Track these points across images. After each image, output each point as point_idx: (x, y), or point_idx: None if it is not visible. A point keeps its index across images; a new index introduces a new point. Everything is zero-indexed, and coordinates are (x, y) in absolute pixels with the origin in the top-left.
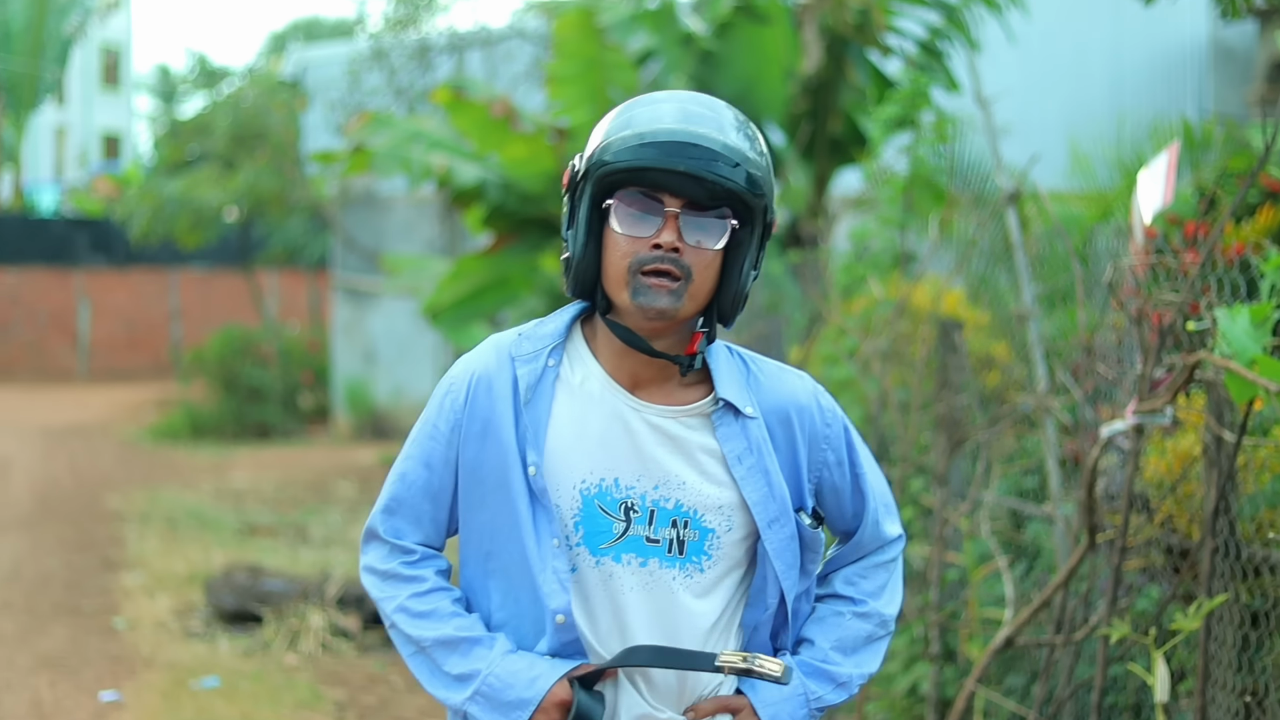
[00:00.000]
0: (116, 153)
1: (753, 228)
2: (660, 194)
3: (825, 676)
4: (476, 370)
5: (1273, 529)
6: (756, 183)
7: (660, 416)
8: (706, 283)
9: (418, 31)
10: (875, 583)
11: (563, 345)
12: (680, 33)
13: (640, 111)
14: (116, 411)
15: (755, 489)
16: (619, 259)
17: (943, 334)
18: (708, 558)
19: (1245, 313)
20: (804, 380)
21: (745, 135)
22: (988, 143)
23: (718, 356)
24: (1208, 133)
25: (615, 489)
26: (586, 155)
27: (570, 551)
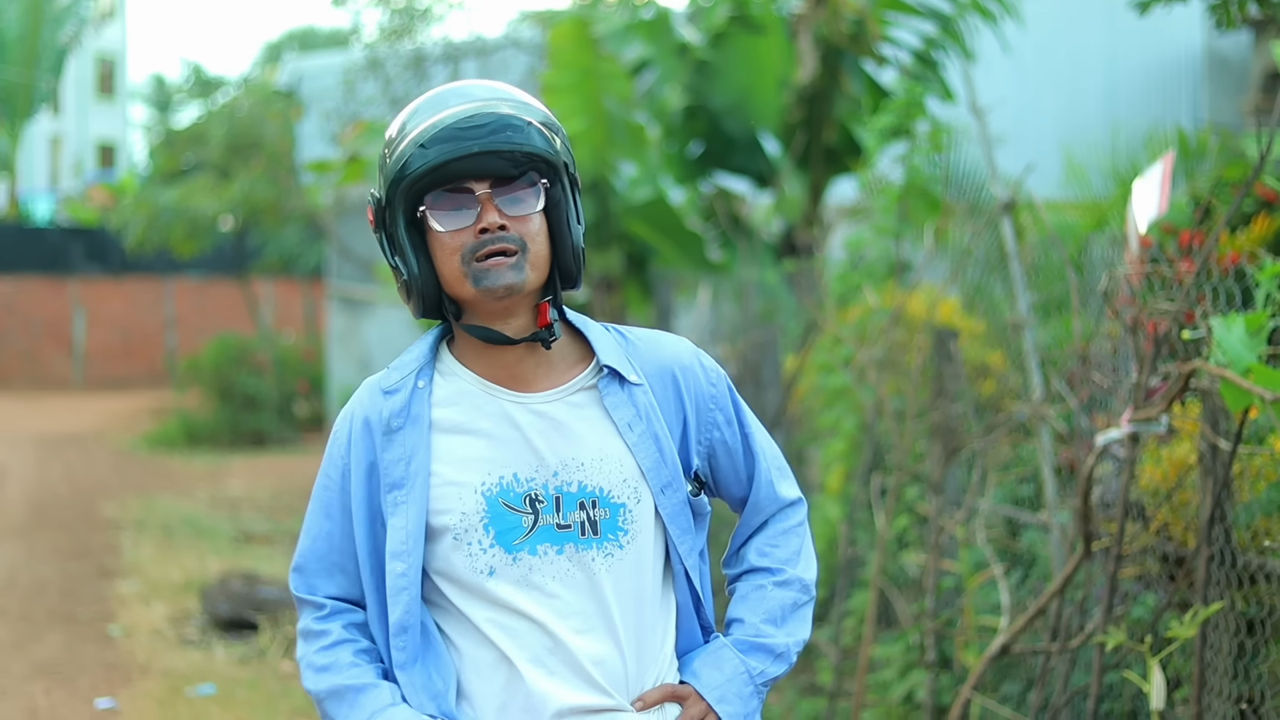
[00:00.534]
0: (111, 162)
1: (562, 184)
2: (465, 183)
3: (763, 650)
4: (354, 412)
5: (1268, 537)
6: (549, 138)
7: (544, 403)
8: (542, 248)
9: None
10: (788, 549)
11: (431, 365)
12: (675, 43)
13: (414, 117)
14: (112, 420)
15: (647, 455)
16: (450, 257)
17: (938, 343)
18: (624, 533)
19: (1240, 321)
20: (683, 342)
21: (518, 100)
22: (983, 152)
23: (592, 331)
24: (1202, 142)
25: (516, 483)
26: (384, 180)
27: (485, 555)
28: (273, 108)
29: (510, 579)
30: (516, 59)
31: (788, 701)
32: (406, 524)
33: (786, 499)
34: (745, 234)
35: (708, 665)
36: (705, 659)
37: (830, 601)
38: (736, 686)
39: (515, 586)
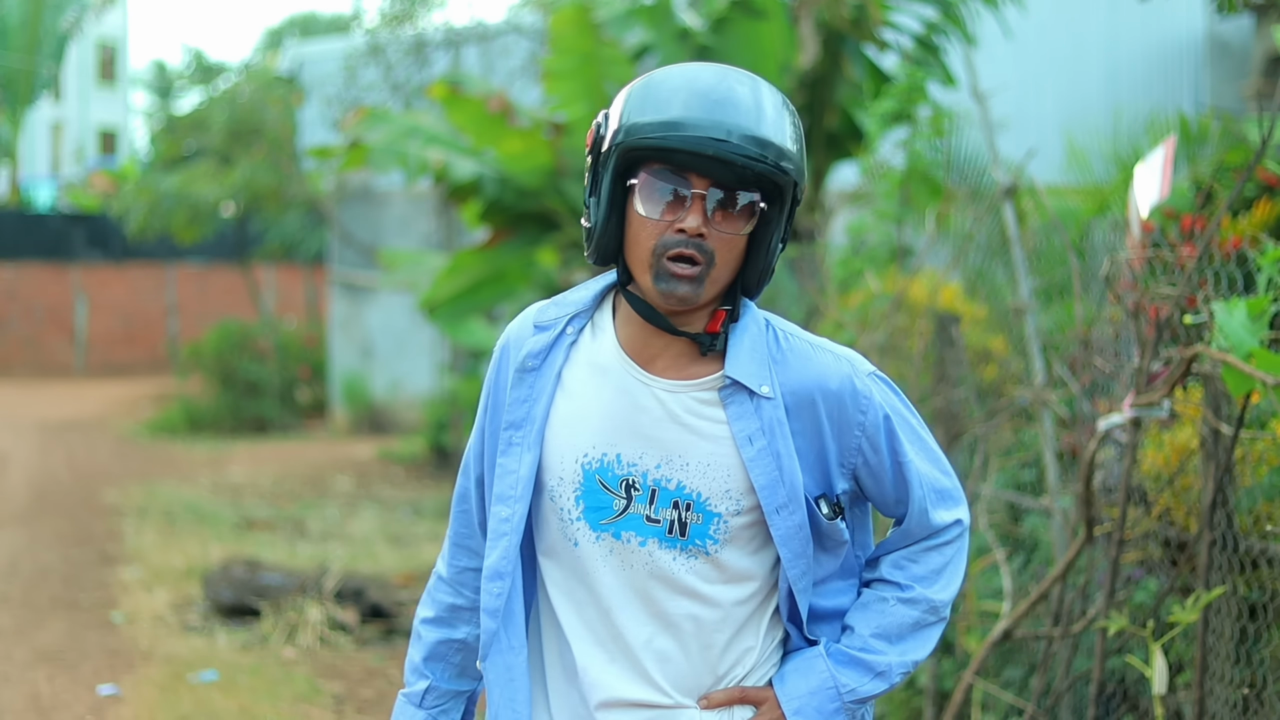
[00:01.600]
0: (113, 148)
1: (781, 205)
2: (687, 174)
3: (861, 666)
4: (507, 337)
5: (1270, 522)
6: (786, 165)
7: (669, 391)
8: (729, 264)
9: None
10: (926, 566)
11: (589, 313)
12: (676, 27)
13: (670, 87)
14: (114, 406)
15: (763, 472)
16: (643, 240)
17: (940, 328)
18: (714, 542)
19: (1242, 306)
20: (839, 361)
21: (778, 115)
22: (984, 137)
23: (745, 331)
24: (1204, 127)
25: (618, 465)
26: (612, 126)
27: (572, 525)
28: (274, 94)
29: (589, 556)
30: (518, 44)
31: None
32: (519, 469)
33: (941, 524)
34: None
35: (796, 672)
36: (797, 664)
37: None
38: (819, 701)
39: (592, 565)
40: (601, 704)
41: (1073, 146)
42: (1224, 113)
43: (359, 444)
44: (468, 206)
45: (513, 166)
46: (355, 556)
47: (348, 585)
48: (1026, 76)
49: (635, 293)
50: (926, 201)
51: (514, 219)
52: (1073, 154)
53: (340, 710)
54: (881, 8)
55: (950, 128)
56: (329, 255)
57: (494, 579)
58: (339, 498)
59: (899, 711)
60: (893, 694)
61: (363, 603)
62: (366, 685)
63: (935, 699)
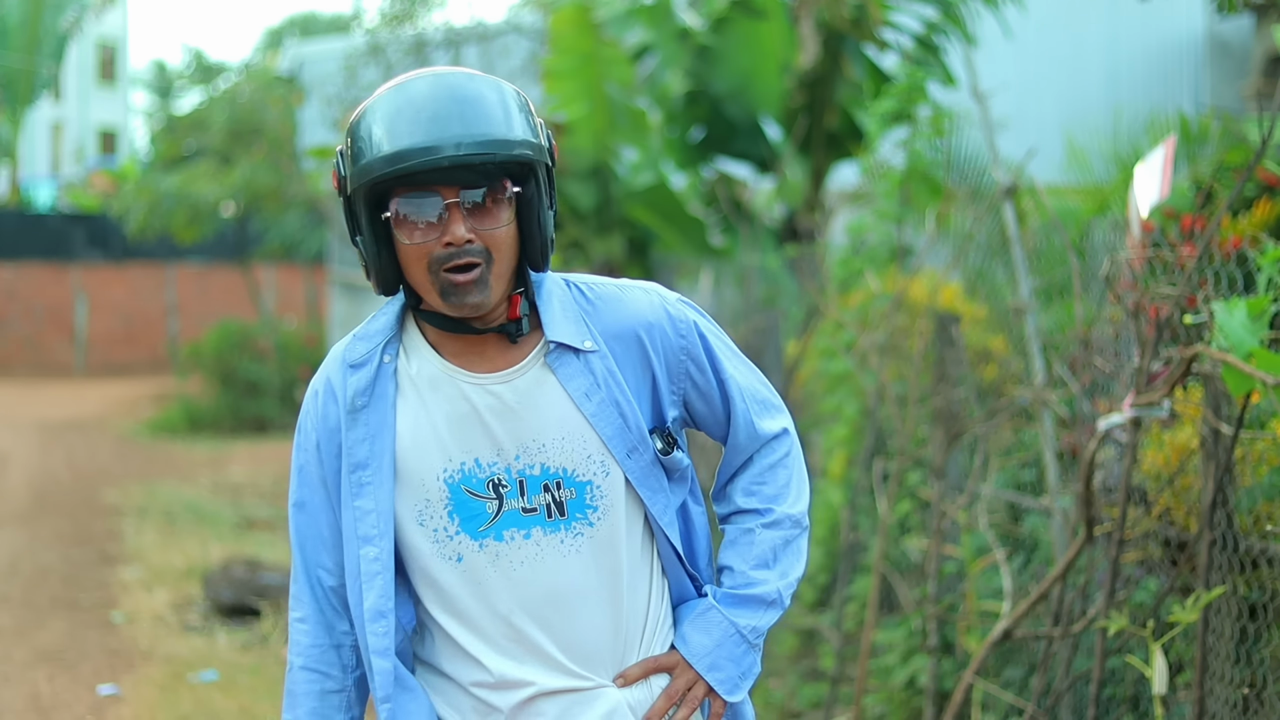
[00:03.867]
0: (113, 148)
1: (538, 180)
2: (434, 188)
3: (753, 601)
4: (317, 387)
5: (1270, 521)
6: (524, 150)
7: (503, 383)
8: (507, 255)
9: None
10: (775, 485)
11: (397, 337)
12: (676, 27)
13: (390, 113)
14: (113, 406)
15: (608, 423)
16: (415, 263)
17: (940, 328)
18: (594, 510)
19: (1242, 306)
20: (649, 293)
21: (498, 101)
22: (984, 137)
23: (550, 297)
24: (1204, 127)
25: (478, 469)
26: (347, 169)
27: (452, 542)
28: (274, 93)
29: (478, 566)
30: (518, 44)
31: (790, 686)
32: (376, 506)
33: (768, 434)
34: (747, 219)
35: (696, 629)
36: (694, 622)
37: (832, 586)
38: (728, 649)
39: (482, 574)
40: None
41: (1073, 146)
42: (1224, 113)
43: None
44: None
45: None
46: None
47: None
48: (1026, 76)
49: (429, 309)
50: (926, 201)
51: None
52: (1073, 154)
53: None
54: (881, 8)
55: (950, 128)
56: (329, 255)
57: (376, 619)
58: None
59: (899, 711)
60: (892, 694)
61: None
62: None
63: (935, 699)
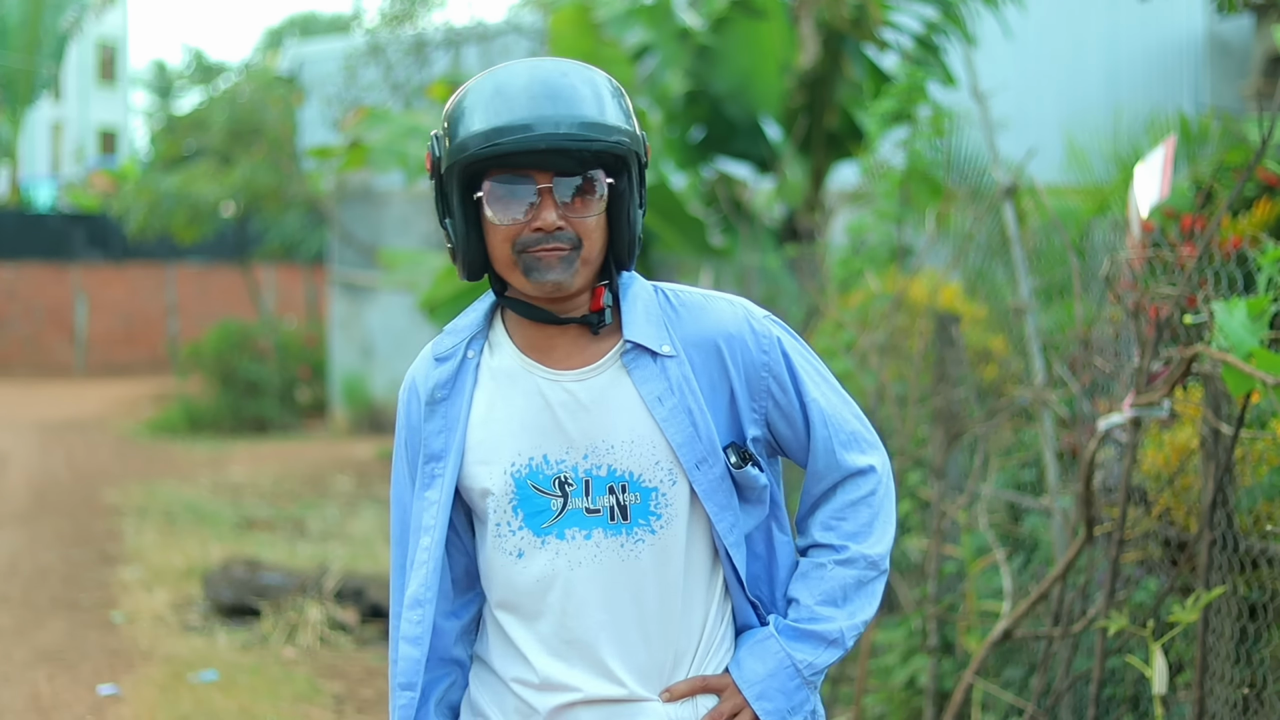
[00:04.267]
0: (113, 148)
1: (629, 174)
2: (529, 172)
3: (813, 638)
4: (411, 379)
5: (1270, 521)
6: (621, 138)
7: (578, 380)
8: (596, 244)
9: (414, 27)
10: (856, 522)
11: (484, 333)
12: (676, 27)
13: (488, 94)
14: (114, 406)
15: (679, 430)
16: (501, 244)
17: (940, 328)
18: (657, 518)
19: (1242, 306)
20: (734, 306)
21: (599, 92)
22: (984, 137)
23: (635, 298)
24: (1204, 126)
25: (546, 465)
26: (444, 145)
27: (514, 537)
28: (274, 93)
29: (537, 563)
30: (518, 44)
31: None
32: (440, 497)
33: (853, 467)
34: (747, 219)
35: (752, 655)
36: (751, 648)
37: None
38: (780, 681)
39: (541, 571)
40: (568, 705)
41: (1073, 146)
42: (1224, 112)
43: (359, 444)
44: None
45: None
46: (355, 556)
47: (348, 585)
48: (1026, 76)
49: (514, 296)
50: (926, 201)
51: None
52: (1073, 154)
53: (340, 710)
54: (881, 8)
55: (950, 128)
56: (329, 255)
57: (415, 606)
58: (339, 498)
59: (899, 711)
60: (892, 694)
61: (363, 603)
62: (366, 685)
63: (935, 699)
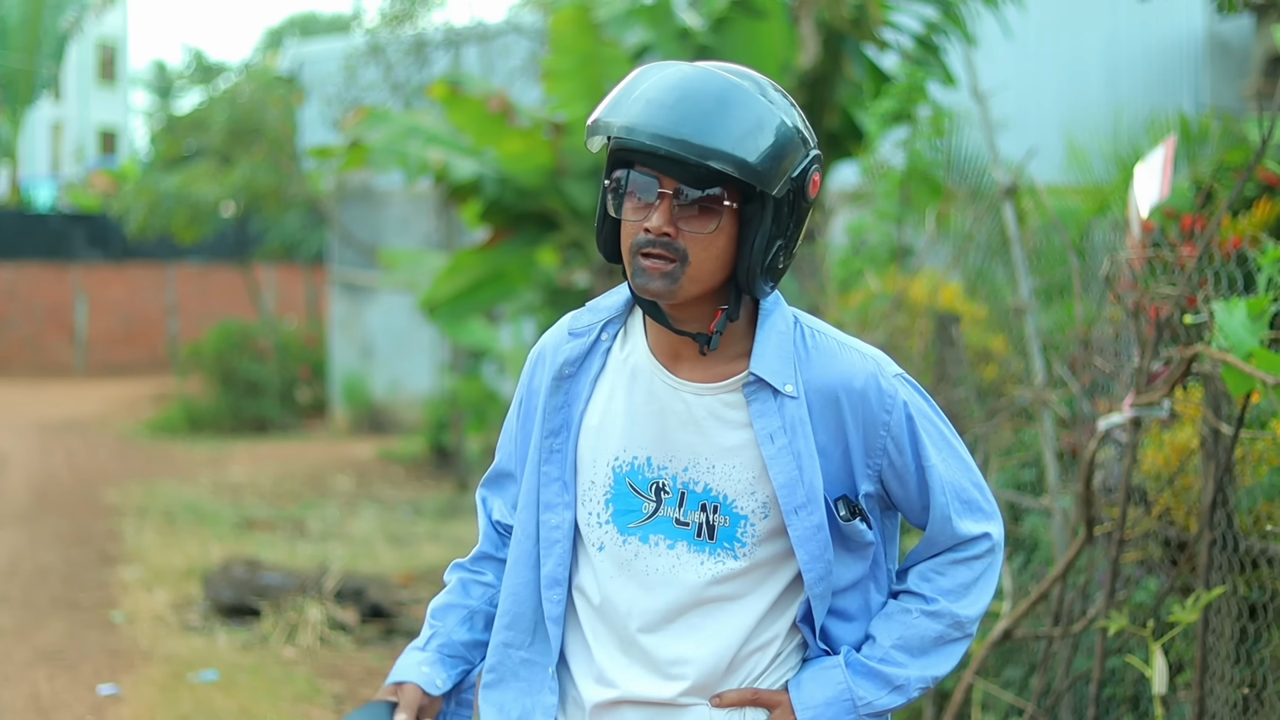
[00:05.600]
0: (113, 148)
1: (763, 202)
2: (657, 174)
3: (880, 678)
4: (542, 345)
5: (1270, 521)
6: (741, 167)
7: (696, 394)
8: (708, 263)
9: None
10: (954, 580)
11: (622, 318)
12: (676, 27)
13: (639, 88)
14: (114, 406)
15: (783, 471)
16: (625, 238)
17: (940, 327)
18: (741, 545)
19: (1242, 306)
20: (866, 360)
21: (744, 114)
22: (984, 137)
23: (772, 328)
24: (1204, 127)
25: (648, 468)
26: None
27: (600, 529)
28: (274, 93)
29: (615, 560)
30: (518, 44)
31: None
32: (562, 474)
33: (966, 534)
34: None
35: (814, 680)
36: (815, 672)
37: None
38: (834, 711)
39: (617, 568)
40: (614, 702)
41: (1073, 146)
42: (1224, 112)
43: (359, 444)
44: (468, 206)
45: (513, 166)
46: (355, 556)
47: (348, 585)
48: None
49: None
50: (926, 201)
51: (514, 219)
52: (1073, 154)
53: (340, 710)
54: (881, 7)
55: (950, 128)
56: (329, 255)
57: (552, 586)
58: (339, 498)
59: (899, 711)
60: None
61: (363, 603)
62: (366, 685)
63: (935, 699)
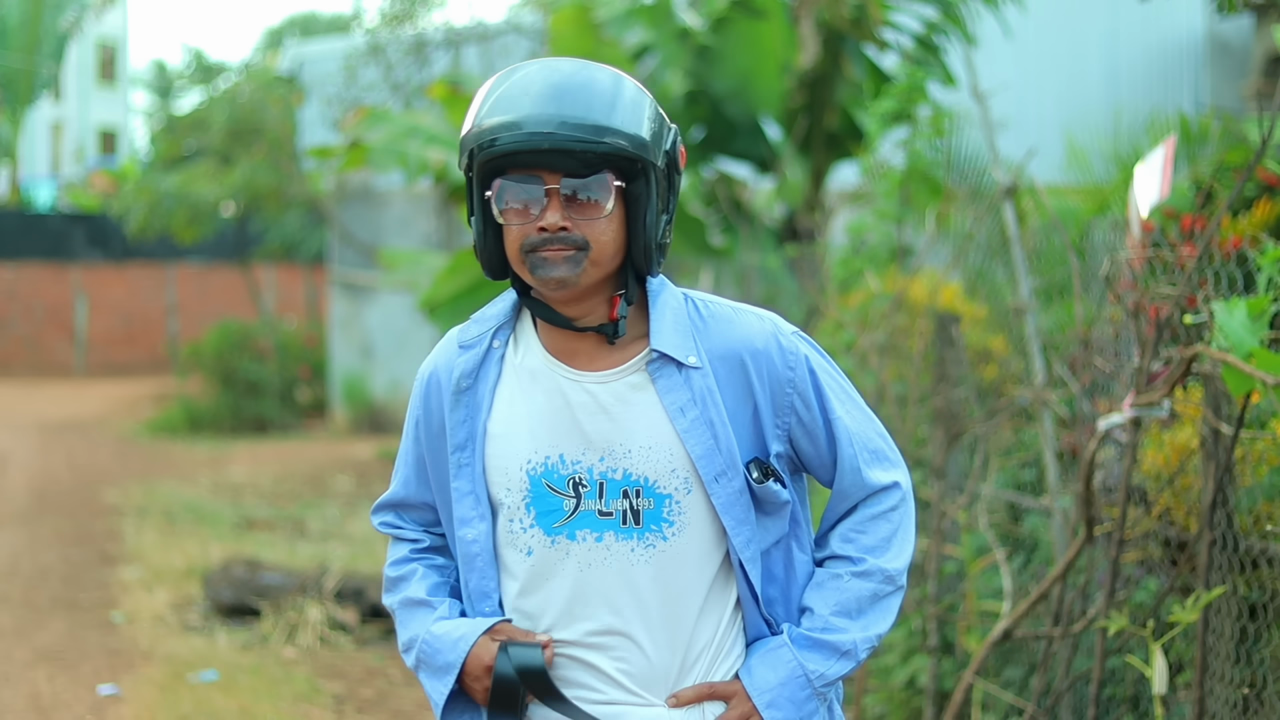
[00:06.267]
0: (113, 148)
1: (647, 179)
2: (537, 172)
3: (826, 648)
4: (432, 366)
5: (1270, 521)
6: (621, 142)
7: (599, 383)
8: (607, 247)
9: (414, 27)
10: (875, 536)
11: (511, 324)
12: (676, 27)
13: (499, 93)
14: (114, 406)
15: (699, 441)
16: (512, 243)
17: (940, 328)
18: (669, 524)
19: (1242, 306)
20: (763, 320)
21: (614, 95)
22: (984, 137)
23: (664, 307)
24: (1204, 126)
25: (561, 465)
26: (465, 141)
27: (525, 534)
28: (274, 93)
29: (546, 561)
30: (518, 44)
31: None
32: (474, 488)
33: (876, 484)
34: (747, 219)
35: (763, 664)
36: (762, 657)
37: None
38: (790, 690)
39: (549, 571)
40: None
41: (1073, 146)
42: (1224, 112)
43: (359, 443)
44: (467, 206)
45: None
46: (355, 556)
47: (348, 585)
48: (1027, 76)
49: (536, 297)
50: (926, 201)
51: None
52: (1073, 154)
53: (340, 710)
54: (881, 8)
55: (950, 128)
56: (329, 255)
57: (482, 600)
58: (339, 497)
59: (899, 711)
60: (892, 694)
61: (363, 603)
62: (366, 685)
63: (935, 699)
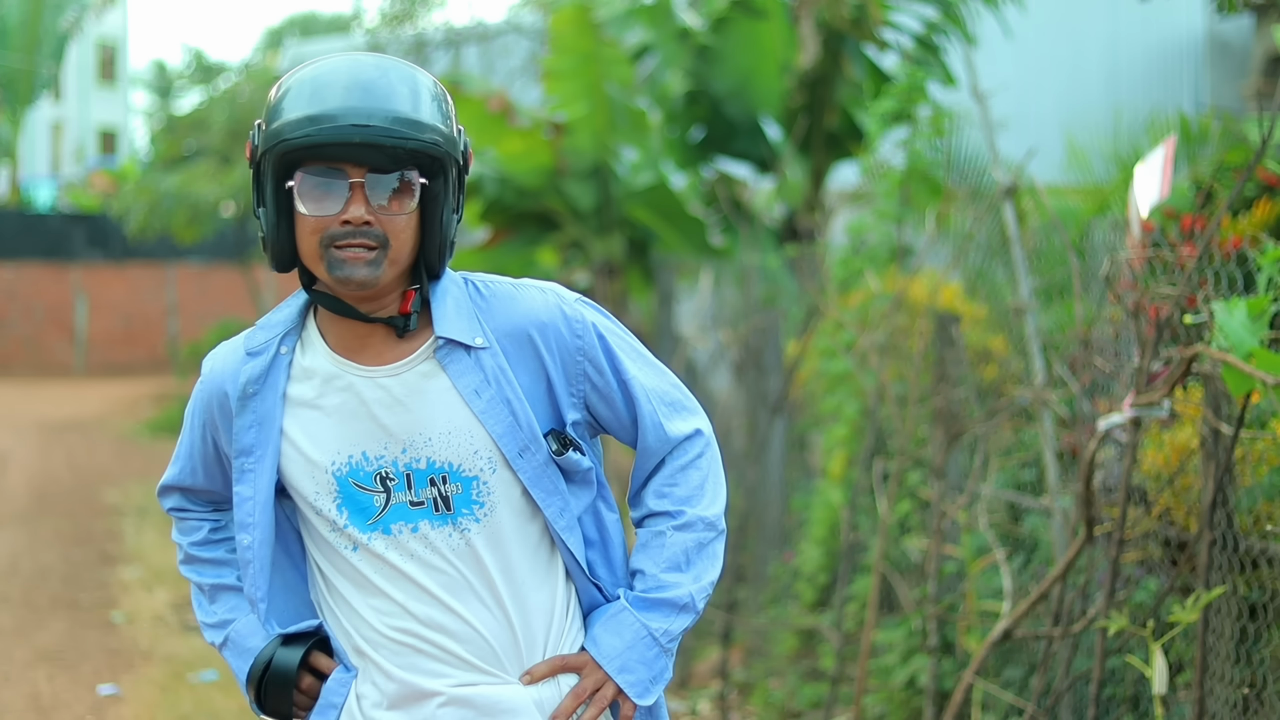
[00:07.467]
0: (113, 148)
1: (445, 177)
2: (342, 165)
3: (665, 605)
4: (214, 369)
5: (1270, 521)
6: (434, 138)
7: (391, 376)
8: (405, 245)
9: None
10: (687, 487)
11: (298, 330)
12: (676, 27)
13: (306, 85)
14: (113, 406)
15: (498, 421)
16: (309, 236)
17: (940, 328)
18: (480, 506)
19: (1242, 306)
20: (545, 293)
21: (416, 92)
22: (984, 137)
23: (445, 292)
24: (1204, 126)
25: (366, 462)
26: (262, 134)
27: (341, 534)
28: None
29: (369, 559)
30: (518, 44)
31: (790, 686)
32: (255, 494)
33: (679, 435)
34: (747, 219)
35: (607, 631)
36: (605, 624)
37: (832, 586)
38: (639, 652)
39: (374, 566)
40: (418, 694)
41: (1073, 146)
42: (1224, 112)
43: None
44: (468, 206)
45: (513, 166)
46: None
47: None
48: (1026, 76)
49: (322, 290)
50: (926, 201)
51: (514, 218)
52: (1073, 154)
53: None
54: (881, 8)
55: (950, 128)
56: None
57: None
58: None
59: (899, 711)
60: (892, 694)
61: None
62: None
63: (935, 699)
